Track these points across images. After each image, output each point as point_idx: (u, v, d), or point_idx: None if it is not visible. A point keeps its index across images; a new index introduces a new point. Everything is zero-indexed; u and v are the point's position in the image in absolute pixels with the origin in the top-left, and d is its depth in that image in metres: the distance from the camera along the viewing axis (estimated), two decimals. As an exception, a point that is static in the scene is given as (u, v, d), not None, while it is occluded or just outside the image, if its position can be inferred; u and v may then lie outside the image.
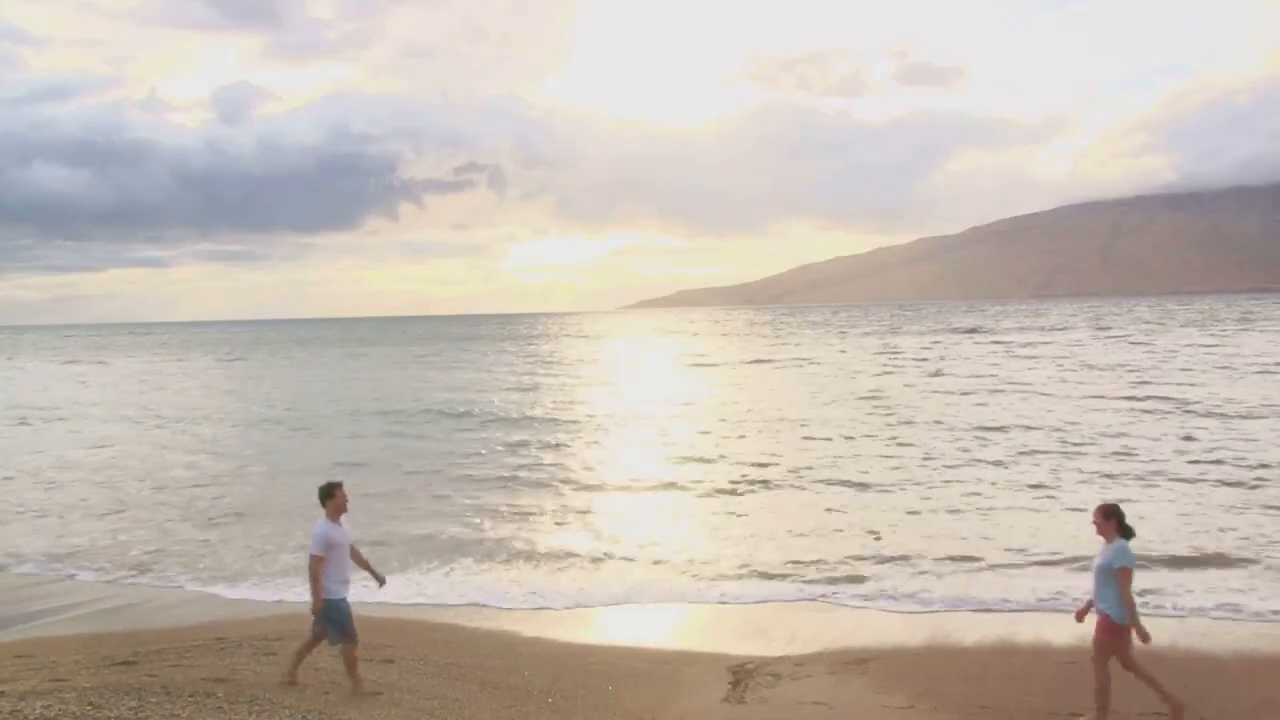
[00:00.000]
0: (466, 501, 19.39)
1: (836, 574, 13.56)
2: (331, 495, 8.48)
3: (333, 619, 8.30)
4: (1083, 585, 12.14)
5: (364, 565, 8.84)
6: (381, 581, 9.11)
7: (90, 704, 6.98)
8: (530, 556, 15.10)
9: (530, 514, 18.12)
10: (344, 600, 8.42)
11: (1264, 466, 19.95)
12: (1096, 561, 8.15)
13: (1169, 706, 8.07)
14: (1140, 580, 12.63)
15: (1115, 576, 7.89)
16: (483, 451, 25.95)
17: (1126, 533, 8.00)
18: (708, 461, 23.10)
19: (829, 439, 25.92)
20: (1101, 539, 8.11)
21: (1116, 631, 7.96)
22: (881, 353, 64.90)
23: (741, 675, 9.66)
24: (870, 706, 8.67)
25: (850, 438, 25.96)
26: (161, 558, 15.61)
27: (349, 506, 8.62)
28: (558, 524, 17.41)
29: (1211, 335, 71.64)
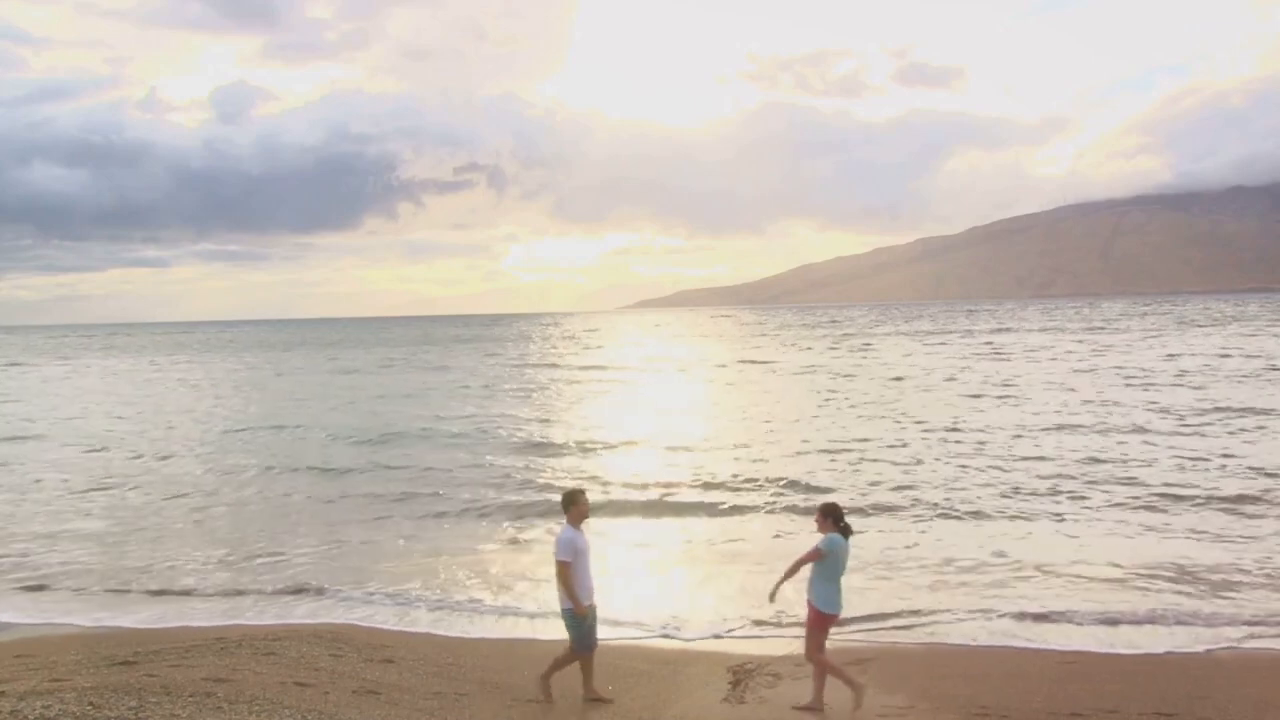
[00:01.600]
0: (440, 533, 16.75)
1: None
2: (575, 502, 8.43)
3: (586, 625, 8.34)
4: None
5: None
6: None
7: (90, 704, 6.95)
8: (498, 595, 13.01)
9: (497, 544, 16.01)
10: (591, 607, 8.45)
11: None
12: None
13: (853, 690, 8.48)
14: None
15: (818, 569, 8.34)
16: (448, 470, 22.73)
17: (845, 532, 8.42)
18: (693, 471, 21.50)
19: (821, 449, 24.41)
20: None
21: (820, 619, 8.40)
22: (874, 354, 64.96)
23: (741, 675, 9.64)
24: (870, 706, 8.65)
25: (846, 450, 24.37)
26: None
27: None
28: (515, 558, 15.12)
29: (1212, 335, 71.68)
